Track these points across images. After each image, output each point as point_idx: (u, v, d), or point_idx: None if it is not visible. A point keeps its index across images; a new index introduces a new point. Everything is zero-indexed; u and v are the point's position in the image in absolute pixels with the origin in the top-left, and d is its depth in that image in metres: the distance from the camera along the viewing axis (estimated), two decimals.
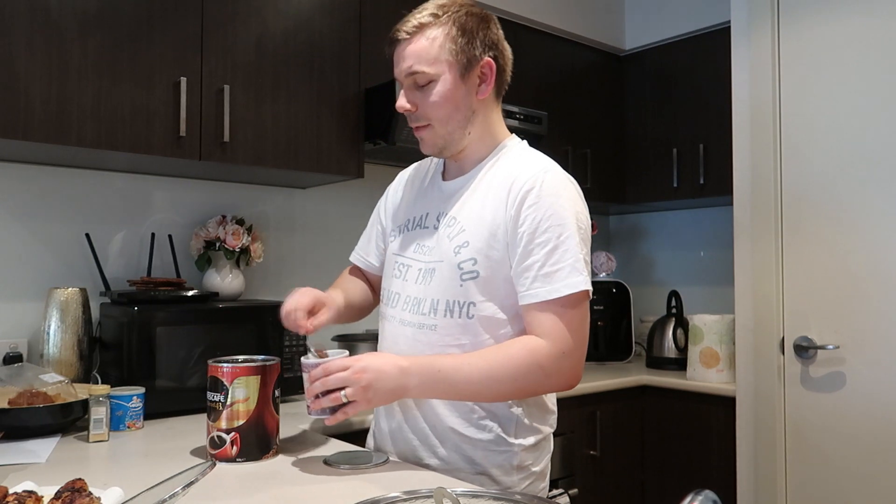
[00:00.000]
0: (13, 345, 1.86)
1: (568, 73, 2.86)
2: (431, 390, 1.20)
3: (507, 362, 1.17)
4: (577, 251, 1.18)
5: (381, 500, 0.94)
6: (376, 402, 1.19)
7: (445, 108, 1.24)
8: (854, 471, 2.05)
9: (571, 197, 1.24)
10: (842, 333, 2.09)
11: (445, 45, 1.22)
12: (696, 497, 0.72)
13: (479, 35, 1.25)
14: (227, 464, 1.25)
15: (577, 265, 1.17)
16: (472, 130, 1.28)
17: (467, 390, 1.19)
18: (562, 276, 1.17)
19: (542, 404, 1.31)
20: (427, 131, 1.28)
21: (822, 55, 2.15)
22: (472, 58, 1.24)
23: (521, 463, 1.26)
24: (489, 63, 1.26)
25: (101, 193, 2.05)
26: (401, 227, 1.38)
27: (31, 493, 0.95)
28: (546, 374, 1.17)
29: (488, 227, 1.23)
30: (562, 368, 1.17)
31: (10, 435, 1.39)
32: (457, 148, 1.29)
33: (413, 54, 1.23)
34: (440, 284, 1.25)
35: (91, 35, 1.70)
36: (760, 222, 2.26)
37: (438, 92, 1.23)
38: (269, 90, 1.99)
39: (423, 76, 1.23)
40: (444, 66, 1.23)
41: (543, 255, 1.18)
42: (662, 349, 2.74)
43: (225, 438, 1.26)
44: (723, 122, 2.49)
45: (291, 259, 2.41)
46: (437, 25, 1.23)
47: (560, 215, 1.20)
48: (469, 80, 1.25)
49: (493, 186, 1.26)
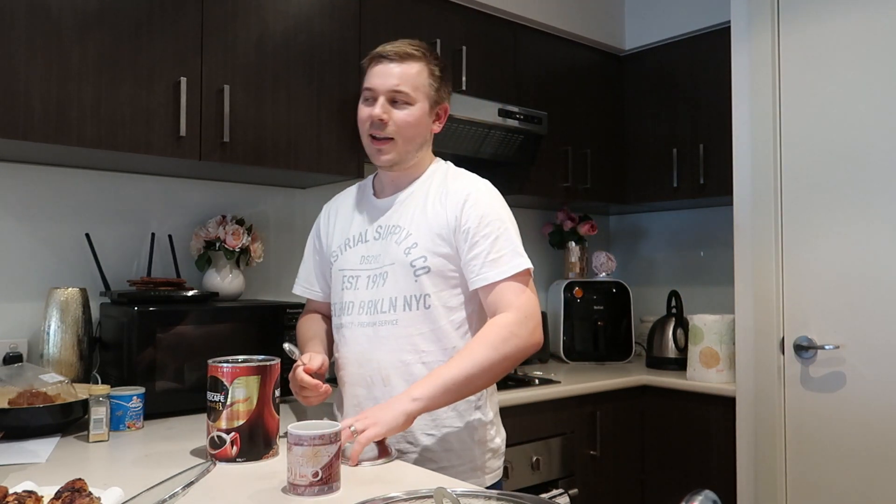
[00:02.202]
0: (13, 345, 1.86)
1: (568, 73, 2.86)
2: (444, 400, 1.33)
3: (487, 342, 1.34)
4: (515, 240, 1.42)
5: (381, 499, 0.94)
6: (387, 427, 1.26)
7: (412, 130, 1.45)
8: (854, 470, 2.05)
9: (501, 201, 1.48)
10: (842, 333, 2.09)
11: (426, 80, 1.46)
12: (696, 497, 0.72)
13: (445, 83, 1.51)
14: (226, 464, 1.25)
15: (517, 250, 1.41)
16: (420, 155, 1.50)
17: (471, 384, 1.34)
18: (506, 260, 1.39)
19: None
20: (390, 145, 1.45)
21: (822, 55, 2.15)
22: (439, 98, 1.50)
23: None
24: (446, 108, 1.53)
25: (101, 193, 2.05)
26: (341, 247, 1.55)
27: (31, 493, 0.95)
28: (518, 337, 1.35)
29: (433, 229, 1.42)
30: (529, 330, 1.36)
31: (10, 435, 1.39)
32: (406, 164, 1.49)
33: (402, 76, 1.43)
34: (395, 284, 1.43)
35: (91, 35, 1.70)
36: (760, 222, 2.26)
37: (412, 114, 1.44)
38: (269, 90, 1.99)
39: (405, 96, 1.43)
40: (421, 96, 1.45)
41: (488, 245, 1.39)
42: (662, 349, 2.74)
43: (225, 438, 1.26)
44: (723, 122, 2.49)
45: (291, 259, 2.40)
46: (421, 60, 1.45)
47: (496, 213, 1.43)
48: (431, 114, 1.49)
49: (430, 196, 1.46)
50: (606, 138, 2.99)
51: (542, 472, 2.19)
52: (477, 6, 2.52)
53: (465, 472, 1.41)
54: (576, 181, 2.82)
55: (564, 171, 2.79)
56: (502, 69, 2.61)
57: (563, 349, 2.90)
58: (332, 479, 1.10)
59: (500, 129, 2.49)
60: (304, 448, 1.08)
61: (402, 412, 1.27)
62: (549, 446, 2.23)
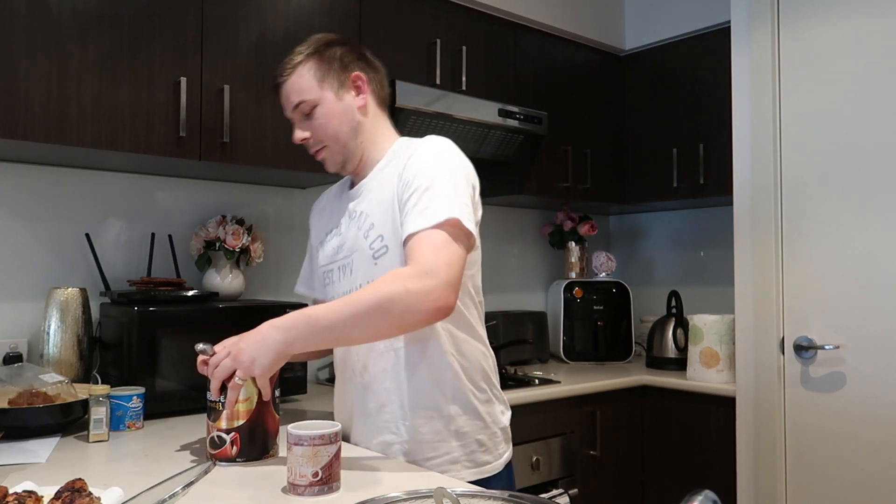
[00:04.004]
0: (13, 345, 1.86)
1: (568, 73, 2.86)
2: (311, 337, 1.22)
3: (371, 290, 1.20)
4: (451, 190, 1.25)
5: (381, 500, 0.94)
6: (256, 366, 1.21)
7: (332, 125, 1.39)
8: (854, 471, 2.05)
9: (448, 153, 1.33)
10: (842, 333, 2.09)
11: (315, 73, 1.39)
12: (696, 497, 0.72)
13: (339, 56, 1.41)
14: (227, 464, 1.25)
15: (450, 201, 1.24)
16: (362, 139, 1.42)
17: (342, 329, 1.22)
18: (435, 209, 1.23)
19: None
20: (325, 152, 1.42)
21: (823, 55, 2.15)
22: (341, 75, 1.40)
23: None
24: (358, 76, 1.41)
25: (101, 193, 2.05)
26: (322, 242, 1.52)
27: (31, 493, 0.95)
28: (409, 293, 1.17)
29: (387, 203, 1.33)
30: (426, 288, 1.17)
31: (10, 435, 1.39)
32: (355, 159, 1.43)
33: (293, 90, 1.40)
34: (359, 271, 1.37)
35: (91, 35, 1.70)
36: (760, 222, 2.26)
37: (322, 114, 1.39)
38: (269, 90, 1.98)
39: (306, 104, 1.39)
40: (318, 91, 1.39)
41: (416, 196, 1.26)
42: (662, 349, 2.74)
43: (225, 438, 1.25)
44: (723, 122, 2.49)
45: (291, 259, 2.41)
46: (304, 61, 1.40)
47: (434, 167, 1.29)
48: (345, 96, 1.40)
49: (387, 174, 1.38)
50: (606, 138, 2.99)
51: (542, 472, 2.19)
52: (477, 6, 2.52)
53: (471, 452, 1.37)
54: (576, 181, 2.82)
55: (564, 171, 2.79)
56: (502, 69, 2.61)
57: (563, 349, 2.90)
58: (332, 479, 1.10)
59: (500, 129, 2.49)
60: (304, 448, 1.08)
61: (276, 354, 1.21)
62: (549, 446, 2.23)
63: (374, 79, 1.45)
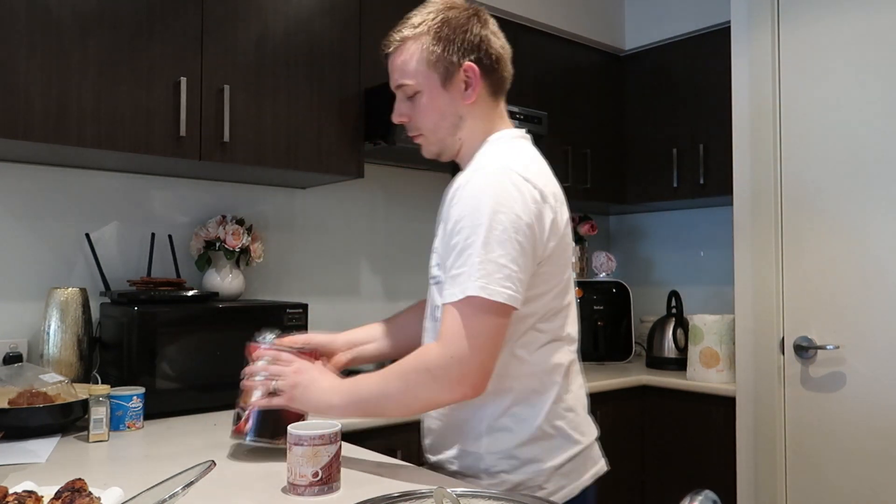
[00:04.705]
0: (13, 345, 1.86)
1: (568, 73, 2.86)
2: (353, 409, 1.21)
3: (397, 369, 1.16)
4: (481, 254, 1.10)
5: (381, 499, 0.94)
6: (297, 404, 1.24)
7: (431, 118, 1.27)
8: (854, 470, 2.05)
9: (495, 194, 1.14)
10: (842, 333, 2.09)
11: (423, 58, 1.24)
12: (696, 497, 0.72)
13: (457, 41, 1.24)
14: (231, 459, 1.25)
15: (474, 269, 1.10)
16: (462, 135, 1.28)
17: (373, 405, 1.20)
18: (462, 280, 1.11)
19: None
20: (421, 139, 1.31)
21: (822, 55, 2.15)
22: (451, 65, 1.24)
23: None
24: (470, 67, 1.24)
25: (101, 193, 2.05)
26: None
27: (31, 493, 0.95)
28: (433, 378, 1.11)
29: (445, 230, 1.21)
30: (451, 374, 1.10)
31: (10, 435, 1.39)
32: (452, 152, 1.31)
33: (397, 68, 1.27)
34: (428, 294, 1.30)
35: (91, 35, 1.70)
36: (760, 222, 2.26)
37: (423, 104, 1.26)
38: (269, 90, 1.99)
39: (408, 88, 1.26)
40: (423, 78, 1.24)
41: (453, 258, 1.14)
42: (662, 349, 2.74)
43: (241, 414, 1.27)
44: (723, 122, 2.49)
45: (291, 259, 2.41)
46: (415, 38, 1.25)
47: (472, 213, 1.13)
48: (452, 88, 1.25)
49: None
50: (606, 138, 2.99)
51: None
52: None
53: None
54: (576, 181, 2.82)
55: (564, 171, 2.79)
56: None
57: None
58: (331, 479, 1.10)
59: None
60: (304, 448, 1.08)
61: (317, 408, 1.24)
62: None
63: (491, 67, 1.27)
